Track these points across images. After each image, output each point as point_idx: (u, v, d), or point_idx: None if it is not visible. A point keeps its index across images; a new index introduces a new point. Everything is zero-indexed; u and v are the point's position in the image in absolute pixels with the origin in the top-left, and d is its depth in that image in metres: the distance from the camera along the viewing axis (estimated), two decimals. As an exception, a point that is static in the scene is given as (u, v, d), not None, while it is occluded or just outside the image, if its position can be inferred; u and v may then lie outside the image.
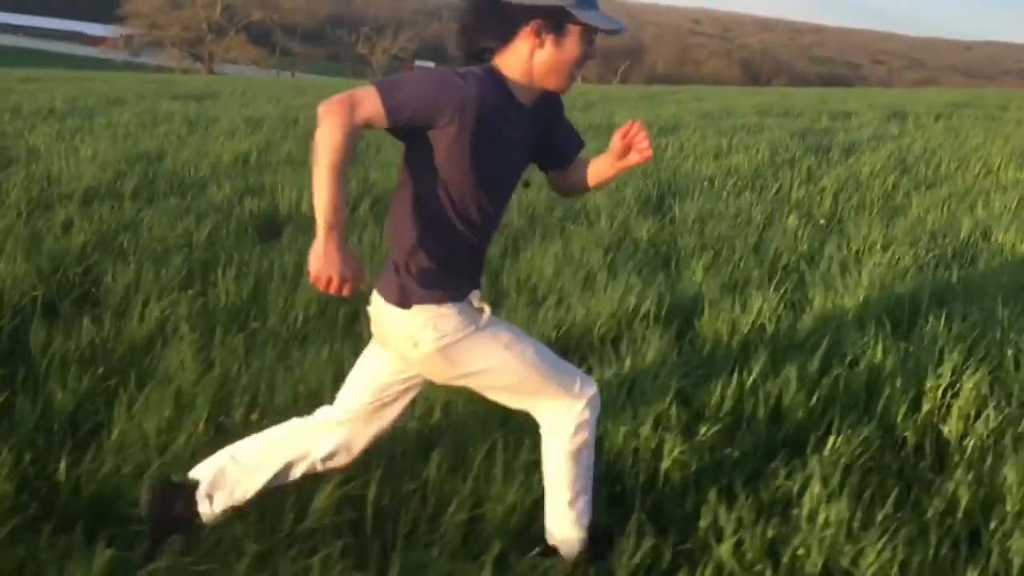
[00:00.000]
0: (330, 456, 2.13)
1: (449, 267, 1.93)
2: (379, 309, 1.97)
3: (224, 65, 56.87)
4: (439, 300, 1.91)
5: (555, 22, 1.83)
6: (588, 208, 5.67)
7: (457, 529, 2.25)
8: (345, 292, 1.72)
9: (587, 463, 2.12)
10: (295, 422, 2.18)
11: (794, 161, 7.98)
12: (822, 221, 5.84)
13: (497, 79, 1.87)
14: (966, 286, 4.36)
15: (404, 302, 1.91)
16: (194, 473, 2.14)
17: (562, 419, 2.04)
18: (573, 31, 1.85)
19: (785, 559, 2.21)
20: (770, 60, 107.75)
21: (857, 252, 5.01)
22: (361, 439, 2.14)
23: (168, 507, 2.09)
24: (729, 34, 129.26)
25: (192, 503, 2.10)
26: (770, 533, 2.28)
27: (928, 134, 10.70)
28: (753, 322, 3.72)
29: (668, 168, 7.41)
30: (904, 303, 4.06)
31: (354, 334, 3.33)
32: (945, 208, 6.27)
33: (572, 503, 2.11)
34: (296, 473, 2.14)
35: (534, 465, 2.33)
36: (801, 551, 2.21)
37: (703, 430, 2.75)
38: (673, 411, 2.82)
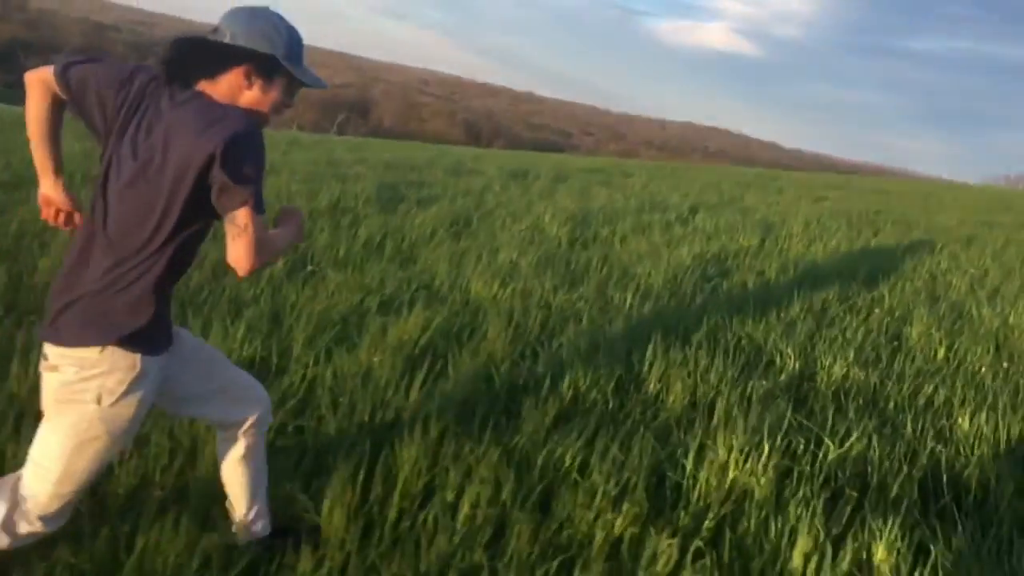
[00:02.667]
0: None
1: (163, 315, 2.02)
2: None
3: None
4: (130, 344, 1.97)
5: (266, 69, 1.96)
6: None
7: None
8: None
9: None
10: None
11: (351, 209, 7.98)
12: (310, 268, 5.74)
13: None
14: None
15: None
16: None
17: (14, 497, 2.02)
18: (280, 81, 2.00)
19: None
20: (491, 123, 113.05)
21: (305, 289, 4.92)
22: None
23: None
24: (455, 96, 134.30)
25: None
26: None
27: (524, 192, 11.37)
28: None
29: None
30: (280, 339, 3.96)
31: None
32: (450, 259, 6.45)
33: None
34: None
35: None
36: None
37: None
38: None
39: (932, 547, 2.84)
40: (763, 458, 3.26)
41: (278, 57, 1.96)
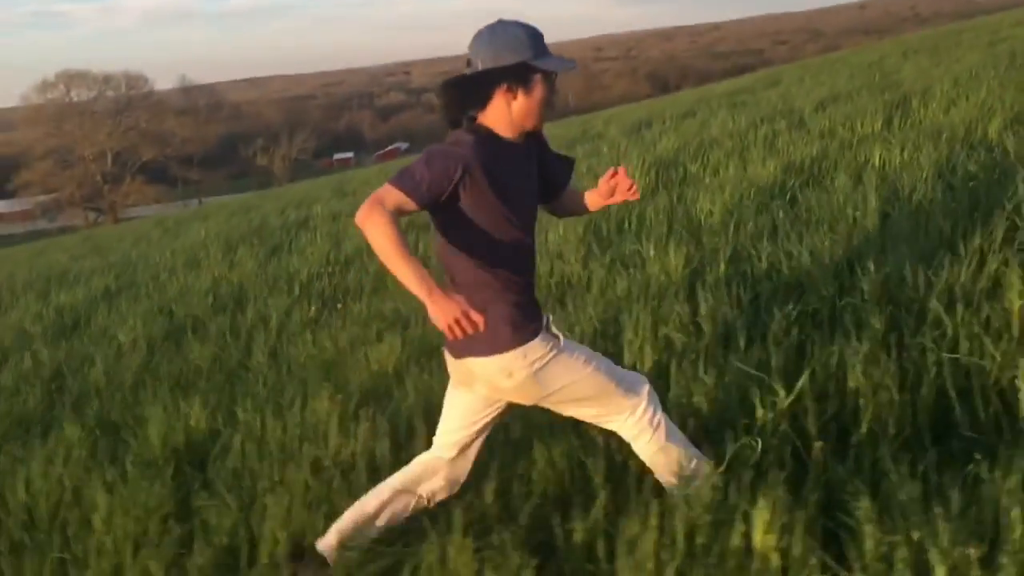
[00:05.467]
0: (439, 492, 2.46)
1: (520, 304, 2.22)
2: (464, 362, 2.24)
3: (129, 210, 56.23)
4: (527, 338, 2.19)
5: (522, 76, 2.14)
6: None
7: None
8: (476, 323, 1.95)
9: (679, 441, 2.33)
10: (409, 469, 2.47)
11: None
12: (339, 305, 5.69)
13: (486, 133, 2.17)
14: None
15: (496, 350, 2.17)
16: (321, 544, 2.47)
17: (637, 423, 2.29)
18: (537, 78, 2.16)
19: None
20: (675, 67, 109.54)
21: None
22: (463, 472, 2.46)
23: None
24: (632, 52, 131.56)
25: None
26: None
27: (635, 146, 10.68)
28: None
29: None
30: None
31: None
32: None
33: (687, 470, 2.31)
34: (409, 511, 2.47)
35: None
36: None
37: None
38: None
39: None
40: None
41: (527, 61, 2.12)
